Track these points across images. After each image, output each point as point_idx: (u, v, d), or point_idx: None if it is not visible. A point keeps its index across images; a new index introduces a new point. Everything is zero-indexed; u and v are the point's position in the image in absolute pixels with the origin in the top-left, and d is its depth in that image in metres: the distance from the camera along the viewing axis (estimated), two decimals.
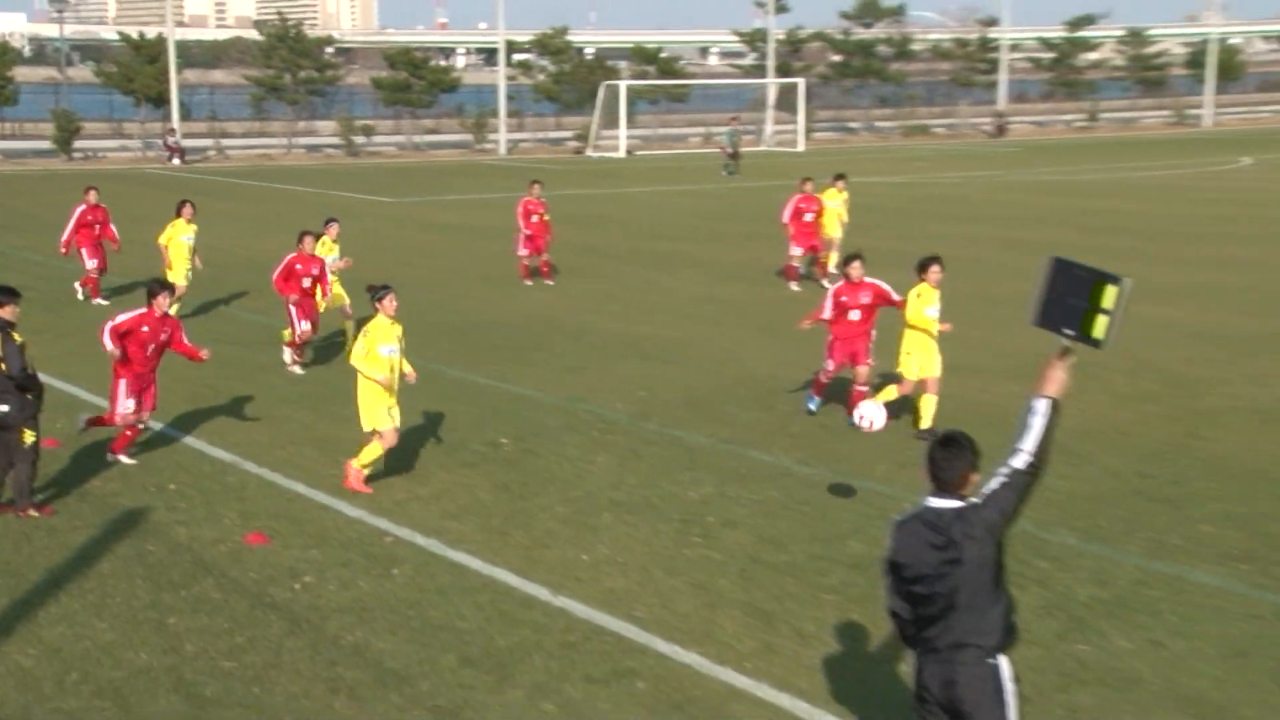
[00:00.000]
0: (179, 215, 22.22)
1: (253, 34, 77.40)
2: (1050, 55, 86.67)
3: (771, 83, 75.10)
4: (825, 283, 24.49)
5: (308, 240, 18.38)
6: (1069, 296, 6.45)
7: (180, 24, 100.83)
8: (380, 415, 13.04)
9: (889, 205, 26.31)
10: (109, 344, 13.68)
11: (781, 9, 78.67)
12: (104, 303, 22.87)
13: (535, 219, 24.94)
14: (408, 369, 13.37)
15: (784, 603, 10.25)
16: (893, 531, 6.49)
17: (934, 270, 14.68)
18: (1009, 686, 6.35)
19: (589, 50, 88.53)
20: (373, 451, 13.14)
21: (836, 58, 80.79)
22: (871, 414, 13.29)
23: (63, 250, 23.75)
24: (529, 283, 25.02)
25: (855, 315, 15.19)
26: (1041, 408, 6.36)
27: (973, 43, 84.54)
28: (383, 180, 51.13)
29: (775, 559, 11.16)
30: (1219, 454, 14.12)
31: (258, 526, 12.08)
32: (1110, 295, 6.26)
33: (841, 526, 11.90)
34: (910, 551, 6.35)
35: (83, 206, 23.79)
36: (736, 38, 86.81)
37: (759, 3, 79.68)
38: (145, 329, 13.79)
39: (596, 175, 52.29)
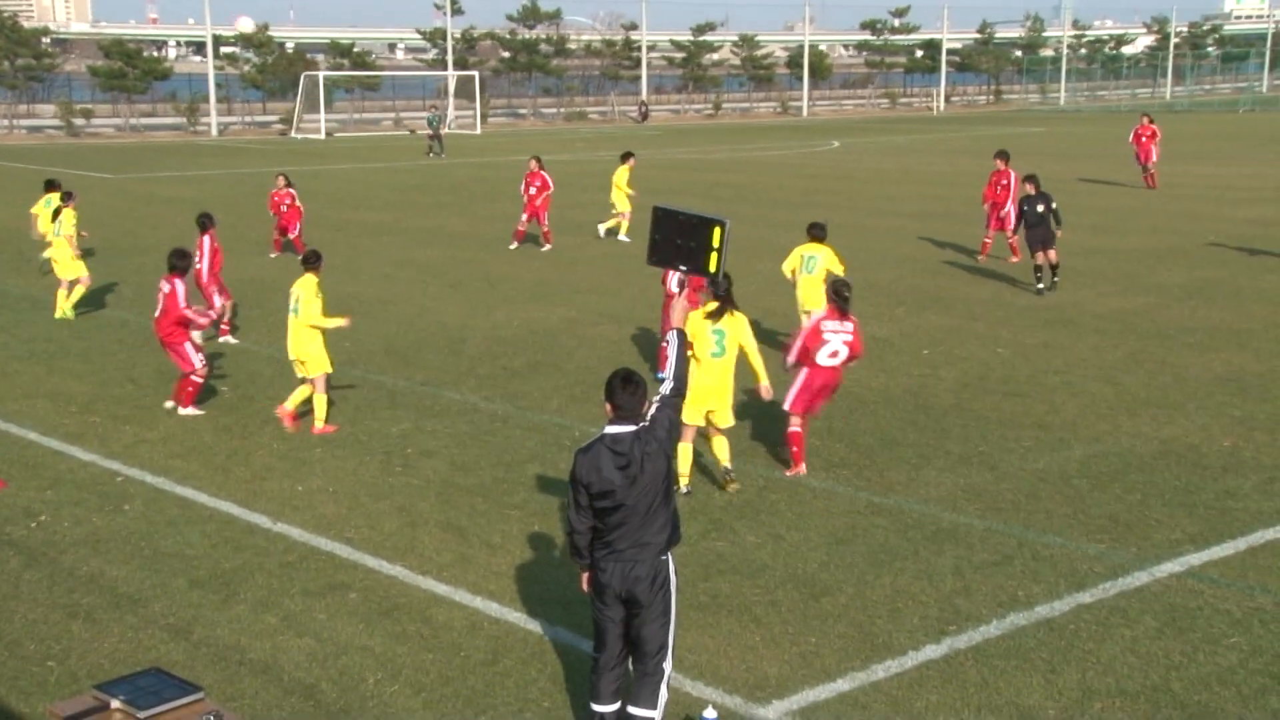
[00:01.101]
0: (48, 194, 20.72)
1: None
2: (681, 55, 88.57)
3: (451, 75, 74.24)
4: (542, 247, 24.43)
5: (212, 231, 16.67)
6: (677, 238, 6.46)
7: None
8: (329, 360, 12.59)
9: (558, 178, 26.30)
10: (202, 317, 13.32)
11: (458, 11, 77.90)
12: None
13: (285, 207, 23.79)
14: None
15: (475, 519, 10.19)
16: (578, 458, 6.47)
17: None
18: (673, 579, 6.53)
19: (289, 44, 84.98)
20: (303, 393, 12.55)
21: (506, 54, 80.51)
22: None
23: None
24: (275, 254, 23.68)
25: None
26: (672, 339, 6.55)
27: (618, 43, 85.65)
28: (103, 159, 47.87)
29: (467, 482, 11.08)
30: None
31: None
32: (718, 235, 6.37)
33: (522, 453, 11.90)
34: (596, 472, 6.36)
35: None
36: (420, 35, 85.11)
37: (438, 5, 78.46)
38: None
39: (301, 155, 50.39)
